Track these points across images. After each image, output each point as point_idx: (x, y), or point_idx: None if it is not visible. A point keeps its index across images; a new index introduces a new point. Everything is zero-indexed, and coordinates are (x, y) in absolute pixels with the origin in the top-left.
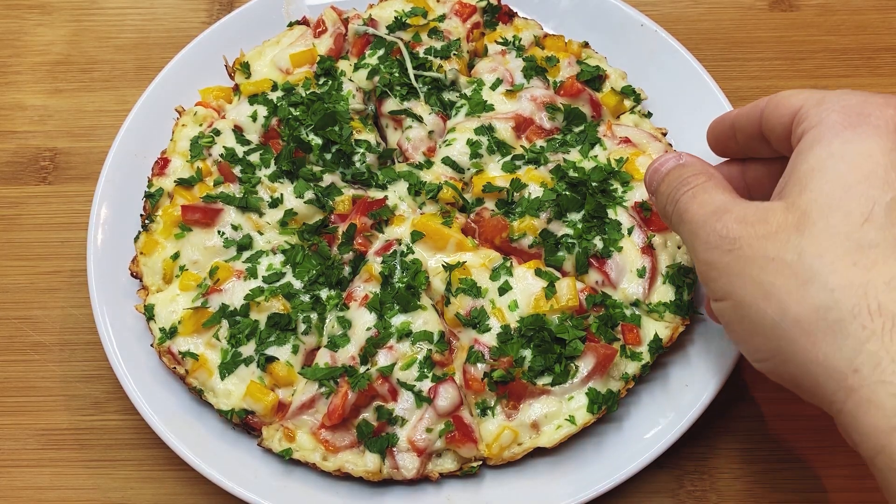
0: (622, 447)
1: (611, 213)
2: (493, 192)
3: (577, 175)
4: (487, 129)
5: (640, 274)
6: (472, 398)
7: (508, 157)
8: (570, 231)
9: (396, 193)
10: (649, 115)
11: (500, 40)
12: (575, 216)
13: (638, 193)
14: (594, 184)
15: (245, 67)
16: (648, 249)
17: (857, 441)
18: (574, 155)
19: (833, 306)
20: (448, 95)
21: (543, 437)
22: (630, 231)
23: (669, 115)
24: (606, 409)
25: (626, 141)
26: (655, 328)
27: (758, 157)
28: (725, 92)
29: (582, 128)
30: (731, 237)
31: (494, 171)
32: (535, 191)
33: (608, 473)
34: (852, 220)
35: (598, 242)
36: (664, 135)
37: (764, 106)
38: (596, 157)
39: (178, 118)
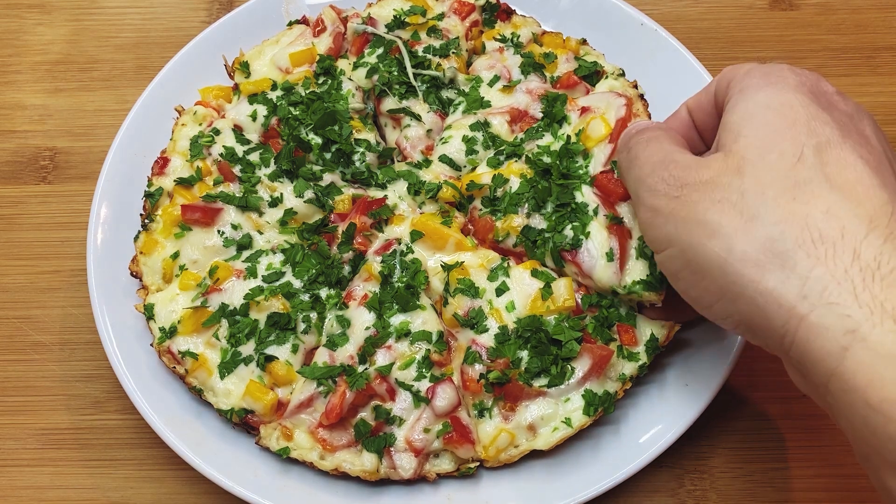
0: (620, 448)
1: (578, 196)
2: (476, 189)
3: (547, 161)
4: (482, 125)
5: (609, 257)
6: (469, 399)
7: (492, 153)
8: (545, 225)
9: (396, 193)
10: (622, 73)
11: (499, 37)
12: (549, 207)
13: (597, 161)
14: (558, 165)
15: (244, 67)
16: (615, 227)
17: (809, 372)
18: (547, 139)
19: (778, 238)
20: (447, 93)
21: (540, 440)
22: (595, 211)
23: (668, 113)
24: (603, 411)
25: (585, 110)
26: (651, 328)
27: None
28: None
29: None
30: (678, 184)
31: (484, 167)
32: (514, 184)
33: (606, 475)
34: (786, 161)
35: (569, 232)
36: (635, 87)
37: (714, 89)
38: (564, 135)
39: (177, 117)
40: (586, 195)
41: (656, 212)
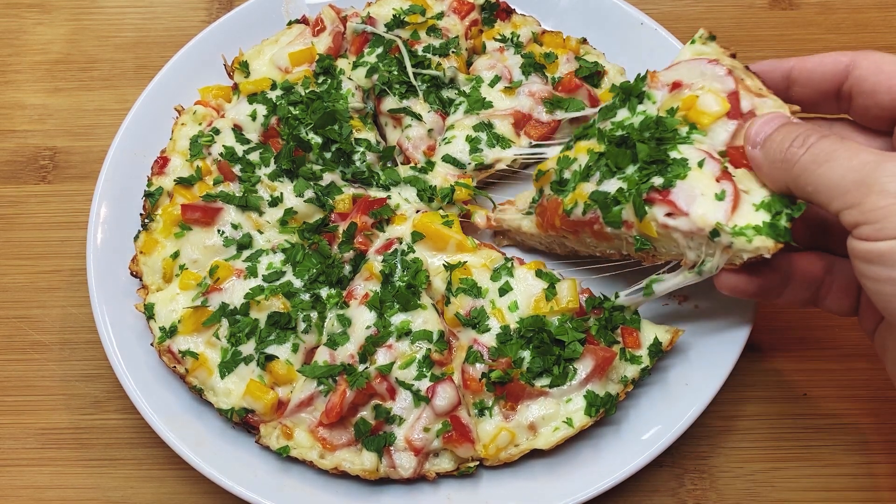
0: (620, 449)
1: (674, 154)
2: (544, 177)
3: (623, 132)
4: (486, 126)
5: (720, 197)
6: (470, 398)
7: (559, 145)
8: (623, 185)
9: (402, 195)
10: (712, 37)
11: (499, 37)
12: (629, 170)
13: (717, 138)
14: (645, 134)
15: (244, 66)
16: (726, 174)
17: None
18: (622, 115)
19: None
20: (447, 93)
21: (540, 439)
22: (701, 164)
23: None
24: (604, 412)
25: (677, 85)
26: (655, 332)
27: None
28: None
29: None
30: None
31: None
32: (583, 160)
33: (606, 474)
34: None
35: (657, 179)
36: (733, 56)
37: (852, 67)
38: (644, 111)
39: (177, 117)
40: (686, 151)
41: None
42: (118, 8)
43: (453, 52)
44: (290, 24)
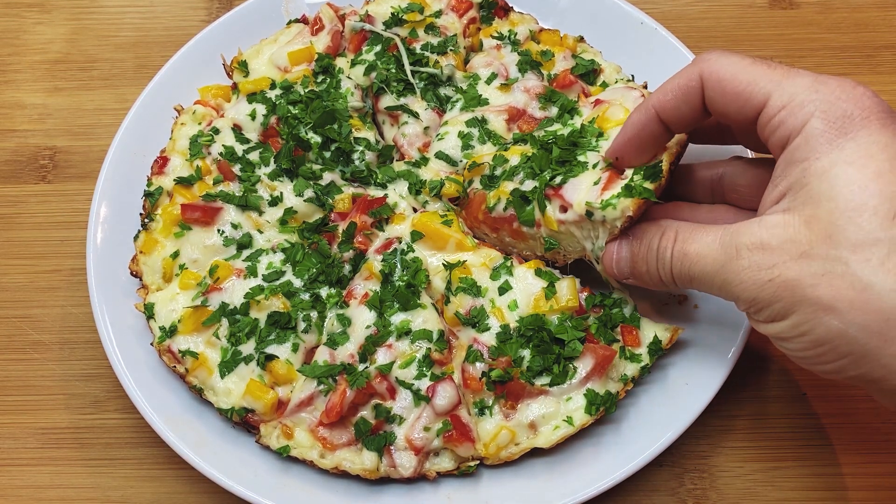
0: (620, 447)
1: (581, 157)
2: (477, 168)
3: (550, 139)
4: (479, 121)
5: (596, 183)
6: (470, 397)
7: (500, 144)
8: (536, 184)
9: (397, 192)
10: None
11: (496, 35)
12: (547, 173)
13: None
14: (565, 137)
15: (243, 66)
16: (610, 170)
17: None
18: (555, 126)
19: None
20: (444, 91)
21: (541, 438)
22: (595, 165)
23: None
24: (605, 411)
25: (598, 102)
26: (655, 330)
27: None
28: None
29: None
30: (766, 267)
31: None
32: (514, 161)
33: (606, 473)
34: (881, 220)
35: (558, 178)
36: (645, 87)
37: (698, 85)
38: (572, 123)
39: (177, 117)
40: (590, 157)
41: (755, 301)
42: (118, 7)
43: (451, 50)
44: (289, 23)
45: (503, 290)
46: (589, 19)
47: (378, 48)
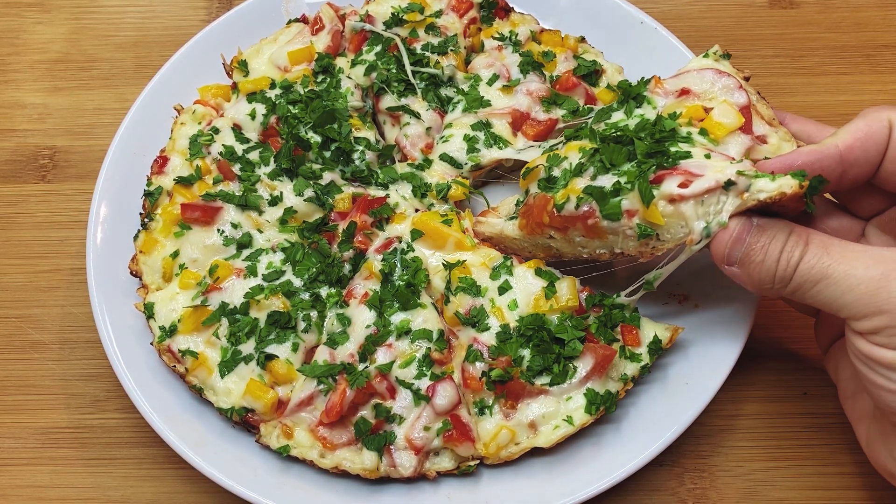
0: (620, 447)
1: (674, 149)
2: (532, 174)
3: (619, 133)
4: (484, 125)
5: (734, 162)
6: (470, 397)
7: (546, 144)
8: (621, 179)
9: (399, 193)
10: (727, 55)
11: (497, 35)
12: (625, 167)
13: (728, 151)
14: (642, 134)
15: (243, 65)
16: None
17: None
18: (617, 117)
19: None
20: (445, 91)
21: (541, 438)
22: (707, 156)
23: None
24: (605, 410)
25: (685, 92)
26: (655, 330)
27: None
28: None
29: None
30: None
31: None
32: (574, 158)
33: (606, 473)
34: None
35: (666, 162)
36: (746, 79)
37: (885, 131)
38: (642, 115)
39: (176, 116)
40: (696, 153)
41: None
42: (118, 7)
43: (452, 50)
44: (289, 23)
45: (503, 289)
46: (589, 19)
47: (378, 48)
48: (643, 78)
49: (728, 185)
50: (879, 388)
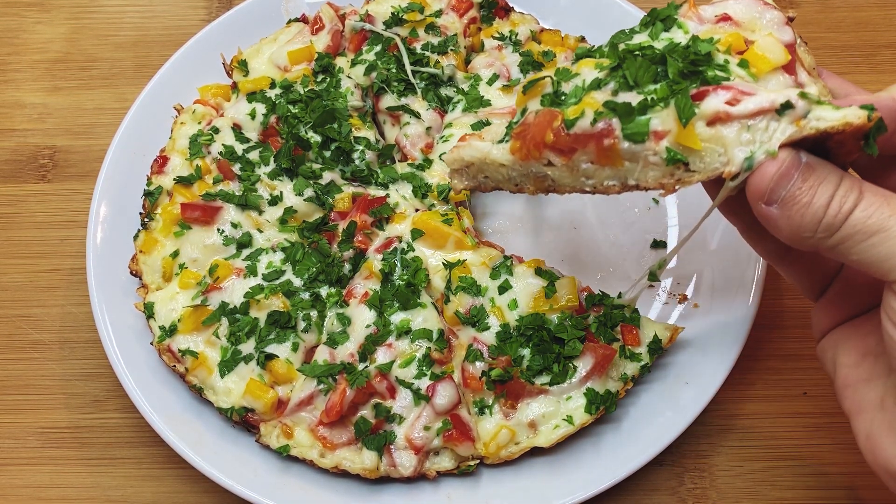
0: (620, 447)
1: (714, 73)
2: (536, 87)
3: (648, 51)
4: (484, 125)
5: (785, 84)
6: (470, 397)
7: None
8: (651, 96)
9: (399, 193)
10: None
11: (497, 35)
12: (652, 86)
13: (773, 82)
14: (659, 52)
15: (243, 65)
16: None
17: None
18: (640, 39)
19: None
20: (445, 91)
21: (541, 437)
22: (753, 75)
23: None
24: (605, 410)
25: (726, 19)
26: (655, 329)
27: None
28: None
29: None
30: None
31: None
32: (589, 74)
33: (606, 473)
34: None
35: (697, 83)
36: (791, 19)
37: None
38: (671, 39)
39: (176, 116)
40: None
41: None
42: (117, 7)
43: (452, 49)
44: (289, 22)
45: (503, 288)
46: (588, 18)
47: (378, 48)
48: (672, 1)
49: (784, 109)
50: None
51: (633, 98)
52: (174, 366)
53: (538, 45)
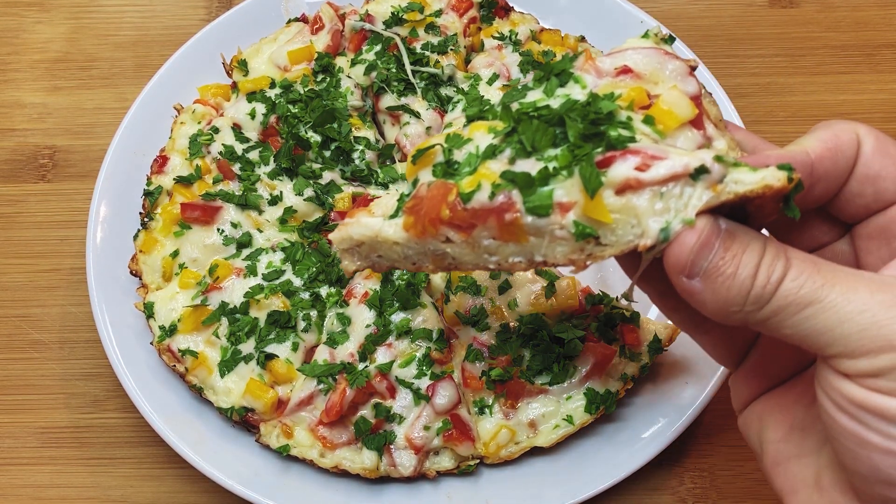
0: (621, 446)
1: (617, 133)
2: (425, 157)
3: (543, 111)
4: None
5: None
6: (470, 396)
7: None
8: (552, 164)
9: (399, 192)
10: (671, 38)
11: (497, 35)
12: (552, 151)
13: (679, 145)
14: (572, 114)
15: (243, 65)
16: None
17: None
18: (534, 96)
19: None
20: (445, 91)
21: (541, 437)
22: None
23: None
24: (605, 410)
25: (627, 71)
26: (655, 329)
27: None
28: (725, 88)
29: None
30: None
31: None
32: (482, 140)
33: (606, 473)
34: None
35: (602, 147)
36: (693, 68)
37: (854, 142)
38: (568, 96)
39: (176, 116)
40: (643, 141)
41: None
42: (117, 6)
43: (452, 49)
44: (288, 22)
45: (503, 288)
46: (588, 18)
47: (378, 48)
48: (567, 53)
49: (698, 174)
50: (873, 448)
51: (533, 166)
52: (174, 366)
53: (538, 44)
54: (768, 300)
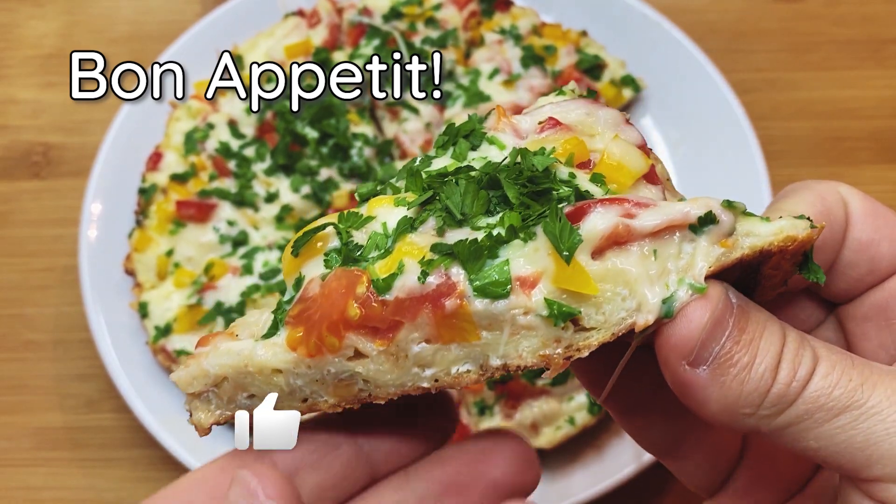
0: (622, 447)
1: (564, 192)
2: (310, 248)
3: (463, 173)
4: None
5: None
6: (470, 397)
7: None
8: (491, 224)
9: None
10: (592, 93)
11: (497, 29)
12: (488, 220)
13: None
14: (502, 175)
15: (238, 60)
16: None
17: None
18: (441, 163)
19: None
20: (445, 86)
21: (542, 438)
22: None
23: (671, 108)
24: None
25: (556, 124)
26: None
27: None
28: (731, 84)
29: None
30: None
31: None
32: (389, 215)
33: (608, 474)
34: None
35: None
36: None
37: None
38: (486, 158)
39: (171, 112)
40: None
41: None
42: (112, 1)
43: (451, 44)
44: (285, 16)
45: None
46: (590, 12)
47: (377, 42)
48: (474, 114)
49: (703, 224)
50: None
51: (469, 237)
52: (169, 366)
53: (539, 39)
54: (792, 402)
